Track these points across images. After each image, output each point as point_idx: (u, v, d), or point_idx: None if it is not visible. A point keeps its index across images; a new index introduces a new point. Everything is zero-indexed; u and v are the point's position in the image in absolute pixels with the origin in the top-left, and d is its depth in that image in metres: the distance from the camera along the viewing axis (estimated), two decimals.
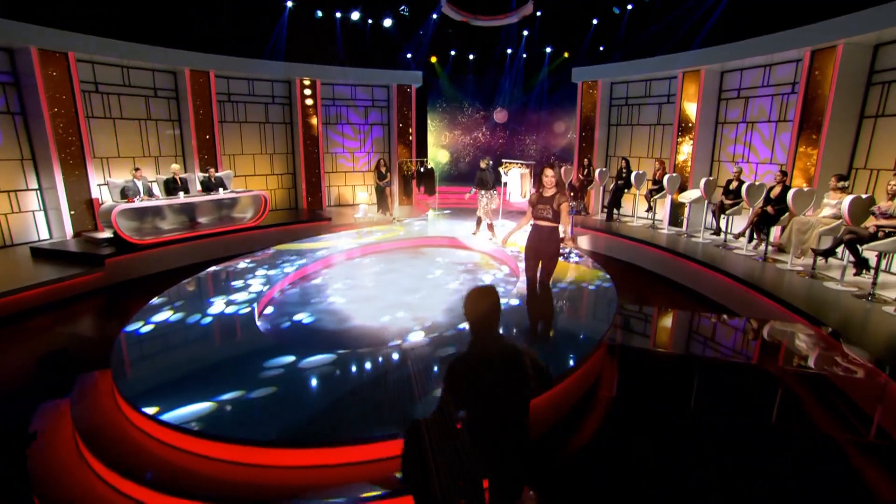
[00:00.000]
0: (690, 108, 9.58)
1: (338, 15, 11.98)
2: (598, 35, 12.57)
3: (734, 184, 8.07)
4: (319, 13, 11.76)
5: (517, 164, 10.65)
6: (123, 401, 3.37)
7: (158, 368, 3.90)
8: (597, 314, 5.29)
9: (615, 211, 10.54)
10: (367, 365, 3.90)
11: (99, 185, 8.87)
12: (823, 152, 7.16)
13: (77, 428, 3.27)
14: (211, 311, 5.05)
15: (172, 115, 10.22)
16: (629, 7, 11.47)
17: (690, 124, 9.61)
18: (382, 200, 11.38)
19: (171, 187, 8.97)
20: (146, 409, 3.16)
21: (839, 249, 6.05)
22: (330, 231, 9.90)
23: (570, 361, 3.87)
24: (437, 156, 15.69)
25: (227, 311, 5.06)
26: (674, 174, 9.34)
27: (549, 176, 4.53)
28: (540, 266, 4.85)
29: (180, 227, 8.94)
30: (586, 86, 11.73)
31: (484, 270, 7.49)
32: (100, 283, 7.10)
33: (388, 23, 12.49)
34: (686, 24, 10.02)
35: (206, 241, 8.76)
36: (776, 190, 7.23)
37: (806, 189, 6.78)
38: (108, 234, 7.94)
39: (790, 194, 6.64)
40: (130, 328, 4.57)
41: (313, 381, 3.63)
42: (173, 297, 5.54)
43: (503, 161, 11.02)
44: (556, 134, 15.18)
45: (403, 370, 3.75)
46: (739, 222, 8.21)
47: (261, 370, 3.74)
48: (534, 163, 10.69)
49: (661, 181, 9.51)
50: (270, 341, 4.49)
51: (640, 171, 9.86)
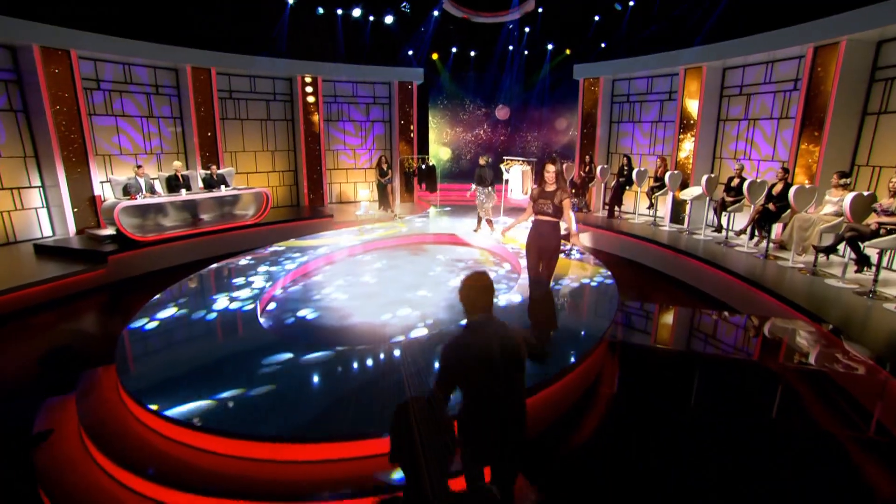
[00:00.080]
0: (692, 105, 9.56)
1: (339, 12, 11.95)
2: (600, 32, 12.53)
3: (736, 181, 8.07)
4: (321, 10, 11.74)
5: (519, 161, 10.63)
6: (128, 396, 3.41)
7: (162, 365, 3.93)
8: (598, 311, 5.31)
9: (616, 208, 10.54)
10: (369, 361, 3.92)
11: (101, 182, 8.89)
12: (825, 149, 7.14)
13: (82, 423, 3.31)
14: (214, 308, 5.08)
15: (174, 112, 10.23)
16: (630, 3, 11.42)
17: (692, 121, 9.59)
18: (384, 197, 11.37)
19: (173, 184, 8.99)
20: (150, 405, 3.19)
21: (840, 246, 6.05)
22: (331, 228, 9.92)
23: (571, 358, 3.89)
24: (439, 153, 15.69)
25: (230, 308, 5.09)
26: (675, 171, 9.33)
27: (550, 171, 4.49)
28: (541, 265, 4.79)
29: (182, 224, 8.97)
30: (588, 82, 11.71)
31: (485, 267, 7.51)
32: (103, 280, 7.14)
33: (389, 19, 12.48)
34: (688, 21, 9.97)
35: (208, 239, 8.78)
36: (778, 187, 7.22)
37: (808, 186, 6.77)
38: (110, 231, 7.97)
39: (792, 191, 6.64)
40: (134, 325, 4.60)
41: (315, 378, 3.66)
42: (176, 293, 5.57)
43: (505, 158, 11.00)
44: (558, 131, 15.17)
45: (405, 366, 3.77)
46: (741, 219, 8.20)
47: (263, 366, 3.77)
48: (535, 160, 10.68)
49: (663, 178, 9.50)
50: (273, 337, 4.52)
51: (642, 168, 9.85)
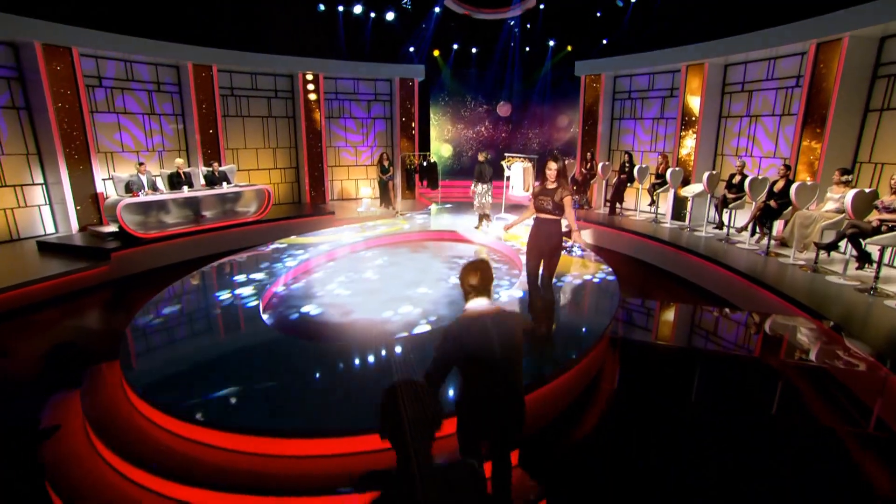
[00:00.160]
0: (694, 102, 9.54)
1: (340, 9, 11.94)
2: (601, 28, 12.49)
3: (737, 178, 8.06)
4: (322, 7, 11.73)
5: (520, 158, 10.62)
6: (132, 392, 3.44)
7: (165, 360, 3.96)
8: (599, 307, 5.31)
9: (618, 205, 10.54)
10: (371, 357, 3.95)
11: (104, 179, 8.92)
12: (827, 146, 7.13)
13: (87, 418, 3.34)
14: (216, 304, 5.11)
15: (176, 109, 10.24)
16: (632, 0, 11.39)
17: (694, 118, 9.58)
18: (385, 194, 11.38)
19: (175, 182, 9.02)
20: (153, 400, 3.22)
21: (842, 243, 6.05)
22: (333, 225, 9.93)
23: (572, 354, 3.90)
24: (440, 150, 15.67)
25: (233, 304, 5.11)
26: (677, 168, 9.32)
27: (551, 168, 4.37)
28: (542, 264, 4.69)
29: (184, 221, 9.00)
30: (589, 79, 11.69)
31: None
32: (106, 277, 7.17)
33: (390, 16, 12.45)
34: (690, 17, 9.94)
35: (211, 235, 8.81)
36: (779, 184, 7.21)
37: (809, 183, 6.77)
38: (113, 228, 8.01)
39: (793, 188, 6.63)
40: (137, 321, 4.63)
41: (318, 373, 3.68)
42: (179, 290, 5.60)
43: (506, 155, 10.99)
44: (559, 128, 15.14)
45: (406, 362, 3.79)
46: (742, 216, 8.20)
47: (266, 362, 3.80)
48: (536, 157, 10.67)
49: (664, 175, 9.49)
50: (275, 333, 4.54)
51: (643, 165, 9.85)
